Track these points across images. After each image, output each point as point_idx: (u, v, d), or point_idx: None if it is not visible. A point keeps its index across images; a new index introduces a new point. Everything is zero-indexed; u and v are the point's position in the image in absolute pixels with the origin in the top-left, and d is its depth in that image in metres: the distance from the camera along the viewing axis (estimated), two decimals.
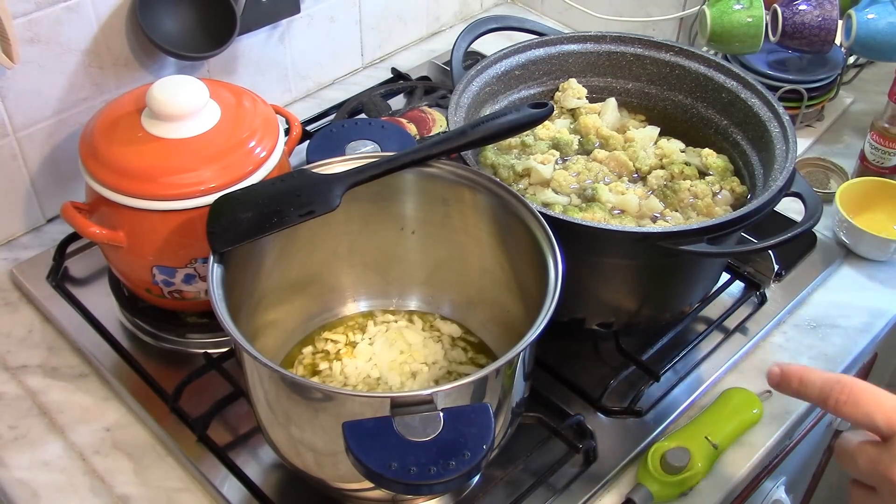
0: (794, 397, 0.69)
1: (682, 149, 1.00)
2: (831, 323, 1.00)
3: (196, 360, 0.92)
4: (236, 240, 0.73)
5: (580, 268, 0.76)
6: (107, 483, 0.83)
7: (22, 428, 0.87)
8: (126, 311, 0.97)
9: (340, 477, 0.71)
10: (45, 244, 1.06)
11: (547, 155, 0.97)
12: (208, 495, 0.82)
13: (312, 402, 0.67)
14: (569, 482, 0.82)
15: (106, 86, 1.06)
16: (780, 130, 0.91)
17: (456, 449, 0.59)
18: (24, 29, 0.95)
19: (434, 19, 1.46)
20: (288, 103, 1.30)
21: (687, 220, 0.91)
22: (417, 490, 0.60)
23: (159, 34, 1.04)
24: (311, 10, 1.24)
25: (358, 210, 0.83)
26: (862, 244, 1.06)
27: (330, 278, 0.89)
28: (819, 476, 1.42)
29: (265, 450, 0.83)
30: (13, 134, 1.01)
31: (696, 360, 0.94)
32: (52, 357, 0.94)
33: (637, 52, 1.02)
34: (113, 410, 0.89)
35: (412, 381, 0.84)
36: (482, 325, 0.90)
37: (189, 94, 0.86)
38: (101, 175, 0.85)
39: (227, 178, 0.85)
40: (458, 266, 0.88)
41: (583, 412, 0.87)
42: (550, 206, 0.91)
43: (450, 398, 0.63)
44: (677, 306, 0.93)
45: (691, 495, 0.83)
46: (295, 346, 0.89)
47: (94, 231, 0.87)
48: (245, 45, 1.19)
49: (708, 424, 0.86)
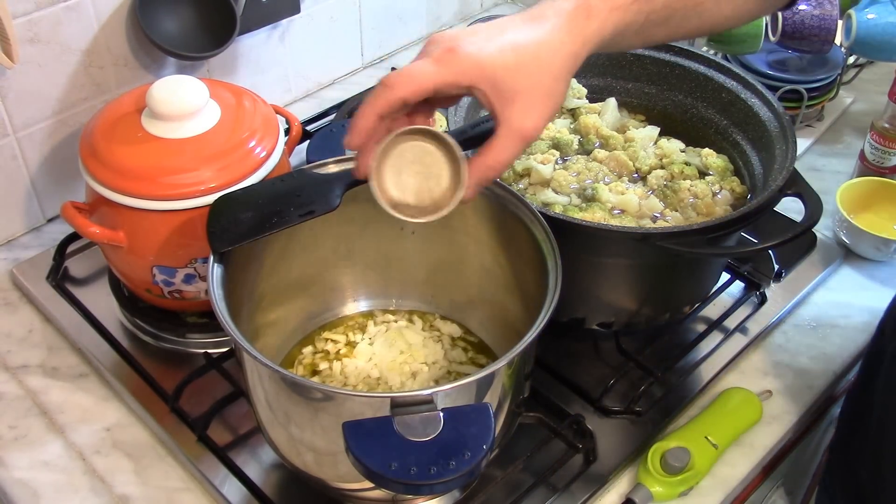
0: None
1: (682, 149, 1.00)
2: (831, 323, 1.00)
3: (196, 360, 0.92)
4: (236, 240, 0.73)
5: (580, 268, 0.76)
6: (107, 483, 0.83)
7: (22, 428, 0.87)
8: (126, 311, 0.97)
9: (340, 477, 0.71)
10: (45, 244, 1.06)
11: (547, 155, 0.97)
12: (208, 495, 0.82)
13: (312, 402, 0.67)
14: (569, 482, 0.82)
15: (106, 86, 1.06)
16: (780, 130, 0.91)
17: (456, 449, 0.59)
18: (24, 29, 0.95)
19: (434, 19, 1.46)
20: (288, 103, 1.30)
21: (687, 220, 0.91)
22: (417, 490, 0.60)
23: (159, 34, 1.04)
24: (311, 10, 1.24)
25: (358, 210, 0.83)
26: (862, 244, 1.06)
27: (330, 278, 0.89)
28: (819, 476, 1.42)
29: (265, 450, 0.83)
30: (13, 134, 1.01)
31: (696, 360, 0.94)
32: (52, 357, 0.94)
33: (637, 52, 1.02)
34: (113, 410, 0.89)
35: (412, 381, 0.84)
36: (482, 325, 0.90)
37: (189, 94, 0.86)
38: (101, 175, 0.85)
39: (227, 178, 0.85)
40: (458, 266, 0.88)
41: (583, 412, 0.87)
42: (550, 206, 0.91)
43: (450, 398, 0.63)
44: (677, 306, 0.93)
45: (691, 495, 0.83)
46: (295, 346, 0.89)
47: (94, 231, 0.87)
48: (245, 45, 1.19)
49: (708, 424, 0.86)
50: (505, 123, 0.64)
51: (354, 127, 0.66)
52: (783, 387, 0.93)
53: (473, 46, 0.63)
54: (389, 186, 0.68)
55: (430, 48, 0.65)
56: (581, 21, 0.65)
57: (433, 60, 0.63)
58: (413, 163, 0.68)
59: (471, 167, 0.66)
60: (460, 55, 0.63)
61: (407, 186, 0.68)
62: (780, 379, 0.94)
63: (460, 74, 0.63)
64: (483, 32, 0.65)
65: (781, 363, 0.96)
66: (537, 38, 0.65)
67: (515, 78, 0.64)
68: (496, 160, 0.66)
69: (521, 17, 0.66)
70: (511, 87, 0.64)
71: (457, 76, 0.63)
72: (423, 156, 0.67)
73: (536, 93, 0.64)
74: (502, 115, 0.64)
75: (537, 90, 0.65)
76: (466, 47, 0.63)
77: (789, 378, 0.94)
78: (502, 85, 0.63)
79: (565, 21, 0.65)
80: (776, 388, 0.93)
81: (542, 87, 0.65)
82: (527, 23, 0.66)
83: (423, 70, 0.63)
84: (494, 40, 0.64)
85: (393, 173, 0.68)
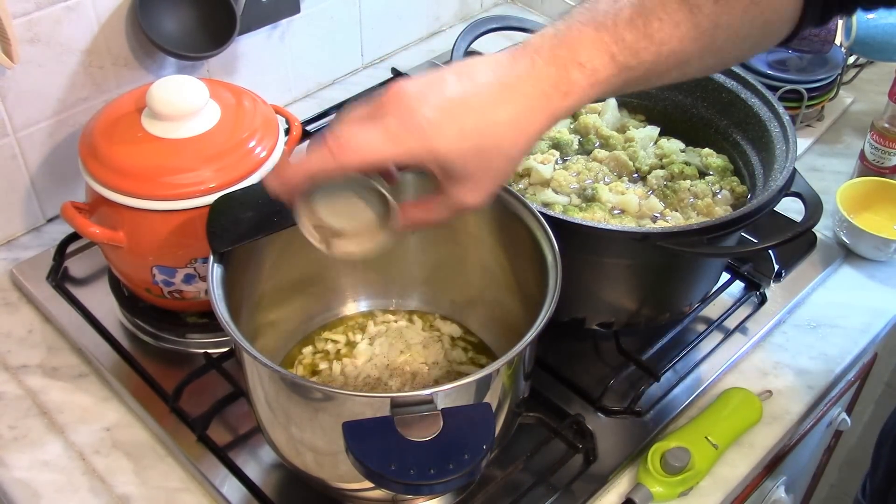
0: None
1: (682, 149, 1.00)
2: (831, 323, 1.00)
3: (196, 360, 0.92)
4: (236, 240, 0.73)
5: (580, 268, 0.76)
6: (107, 483, 0.83)
7: (22, 428, 0.87)
8: (126, 311, 0.97)
9: (340, 477, 0.71)
10: (45, 244, 1.06)
11: (547, 155, 0.97)
12: (208, 495, 0.82)
13: (312, 402, 0.67)
14: (569, 482, 0.82)
15: (106, 86, 1.06)
16: (780, 130, 0.91)
17: (456, 449, 0.59)
18: (24, 29, 0.95)
19: (434, 19, 1.46)
20: (288, 103, 1.30)
21: (687, 220, 0.91)
22: (417, 490, 0.61)
23: (159, 34, 1.04)
24: (311, 10, 1.24)
25: None
26: (862, 244, 1.06)
27: (330, 278, 0.89)
28: (819, 476, 1.42)
29: (265, 450, 0.83)
30: (13, 134, 1.01)
31: (696, 360, 0.94)
32: (52, 357, 0.94)
33: None
34: (113, 410, 0.89)
35: (412, 381, 0.84)
36: (482, 325, 0.90)
37: (189, 94, 0.86)
38: (101, 175, 0.85)
39: (227, 178, 0.85)
40: (458, 266, 0.88)
41: (583, 412, 0.87)
42: (550, 206, 0.91)
43: (450, 398, 0.63)
44: (677, 306, 0.93)
45: (691, 495, 0.83)
46: (295, 346, 0.89)
47: (94, 231, 0.87)
48: (245, 45, 1.19)
49: (708, 424, 0.86)
50: (447, 194, 0.62)
51: (280, 176, 0.62)
52: (783, 387, 0.93)
53: (432, 124, 0.58)
54: (320, 212, 0.67)
55: (386, 109, 0.59)
56: (556, 100, 0.61)
57: (383, 132, 0.58)
58: (341, 204, 0.67)
59: (402, 212, 0.65)
60: (415, 132, 0.58)
61: (335, 215, 0.67)
62: (780, 379, 0.94)
63: (410, 154, 0.59)
64: (449, 96, 0.59)
65: (781, 363, 0.96)
66: (506, 119, 0.60)
67: (469, 164, 0.60)
68: (426, 218, 0.65)
69: (497, 75, 0.61)
70: (462, 173, 0.60)
71: (407, 155, 0.59)
72: (353, 199, 0.67)
73: (488, 175, 0.62)
74: (446, 189, 0.62)
75: (489, 173, 0.62)
76: (423, 123, 0.58)
77: (789, 378, 0.94)
78: (453, 170, 0.60)
79: (540, 100, 0.61)
80: (776, 388, 0.93)
81: (494, 170, 0.62)
82: (500, 92, 0.60)
83: (372, 143, 0.58)
84: (457, 117, 0.59)
85: (322, 205, 0.67)
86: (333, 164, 0.59)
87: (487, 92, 0.60)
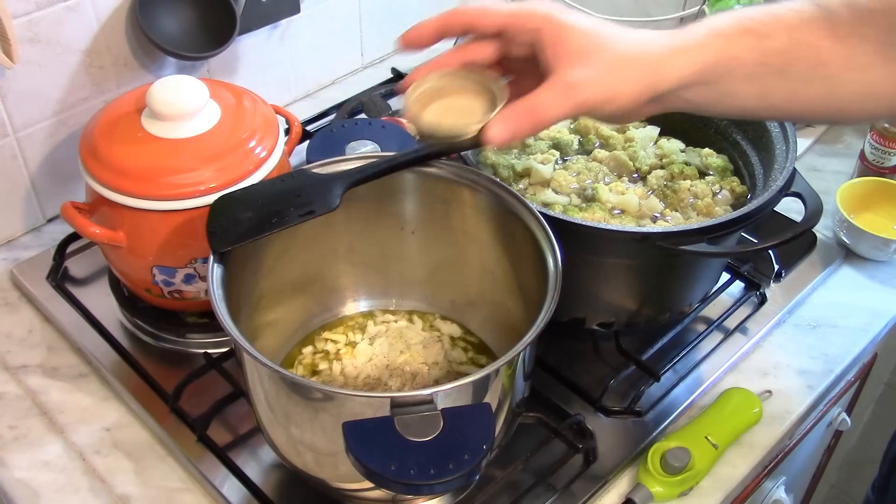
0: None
1: (682, 149, 1.00)
2: (831, 323, 1.00)
3: (196, 360, 0.92)
4: (236, 240, 0.72)
5: (580, 268, 0.76)
6: (107, 483, 0.83)
7: (22, 428, 0.87)
8: (126, 311, 0.97)
9: (340, 477, 0.71)
10: (45, 244, 1.06)
11: (547, 155, 0.97)
12: (208, 495, 0.82)
13: (312, 402, 0.67)
14: (569, 482, 0.82)
15: (106, 86, 1.06)
16: (780, 130, 0.91)
17: (456, 449, 0.59)
18: (24, 29, 0.95)
19: None
20: (288, 103, 1.30)
21: (687, 220, 0.91)
22: (417, 490, 0.60)
23: (159, 34, 1.04)
24: (311, 10, 1.24)
25: (358, 210, 0.83)
26: (862, 244, 1.06)
27: (330, 278, 0.89)
28: (819, 476, 1.42)
29: (265, 450, 0.83)
30: (13, 134, 1.01)
31: (696, 360, 0.94)
32: (52, 357, 0.94)
33: None
34: (113, 410, 0.89)
35: (412, 381, 0.84)
36: (482, 325, 0.90)
37: (189, 94, 0.86)
38: (101, 175, 0.85)
39: (227, 178, 0.85)
40: (458, 266, 0.88)
41: (583, 412, 0.87)
42: (550, 206, 0.91)
43: (450, 398, 0.63)
44: (677, 306, 0.93)
45: (691, 495, 0.83)
46: (295, 346, 0.89)
47: (94, 231, 0.87)
48: (245, 45, 1.19)
49: (708, 424, 0.86)
50: (555, 74, 0.63)
51: (414, 27, 0.67)
52: (783, 387, 0.93)
53: (561, 12, 0.64)
54: (426, 111, 0.70)
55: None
56: (679, 47, 0.64)
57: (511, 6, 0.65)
58: (451, 100, 0.70)
59: (509, 109, 0.65)
60: (541, 10, 0.64)
61: (441, 115, 0.70)
62: (780, 379, 0.94)
63: (529, 18, 0.64)
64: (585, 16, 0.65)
65: (781, 363, 0.96)
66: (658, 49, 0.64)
67: (584, 42, 0.62)
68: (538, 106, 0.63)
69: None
70: (576, 49, 0.62)
71: (527, 19, 0.64)
72: (461, 97, 0.70)
73: (601, 62, 0.62)
74: (554, 66, 0.63)
75: (603, 63, 0.63)
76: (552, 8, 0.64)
77: (789, 378, 0.94)
78: (569, 43, 0.63)
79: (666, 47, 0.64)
80: (776, 388, 0.93)
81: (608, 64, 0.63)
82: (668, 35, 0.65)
83: (498, 6, 0.65)
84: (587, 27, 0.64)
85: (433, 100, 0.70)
86: (458, 17, 0.66)
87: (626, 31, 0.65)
